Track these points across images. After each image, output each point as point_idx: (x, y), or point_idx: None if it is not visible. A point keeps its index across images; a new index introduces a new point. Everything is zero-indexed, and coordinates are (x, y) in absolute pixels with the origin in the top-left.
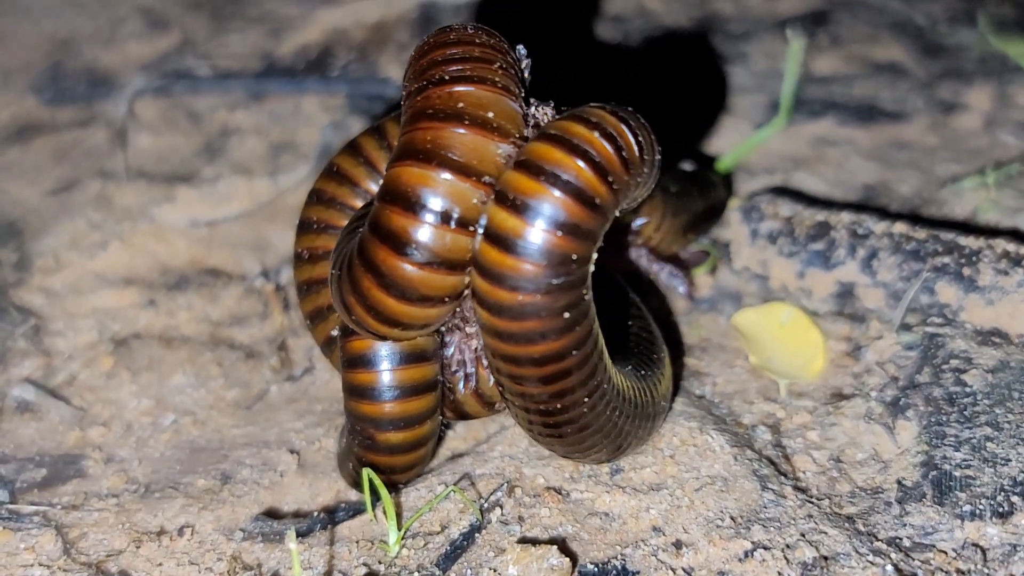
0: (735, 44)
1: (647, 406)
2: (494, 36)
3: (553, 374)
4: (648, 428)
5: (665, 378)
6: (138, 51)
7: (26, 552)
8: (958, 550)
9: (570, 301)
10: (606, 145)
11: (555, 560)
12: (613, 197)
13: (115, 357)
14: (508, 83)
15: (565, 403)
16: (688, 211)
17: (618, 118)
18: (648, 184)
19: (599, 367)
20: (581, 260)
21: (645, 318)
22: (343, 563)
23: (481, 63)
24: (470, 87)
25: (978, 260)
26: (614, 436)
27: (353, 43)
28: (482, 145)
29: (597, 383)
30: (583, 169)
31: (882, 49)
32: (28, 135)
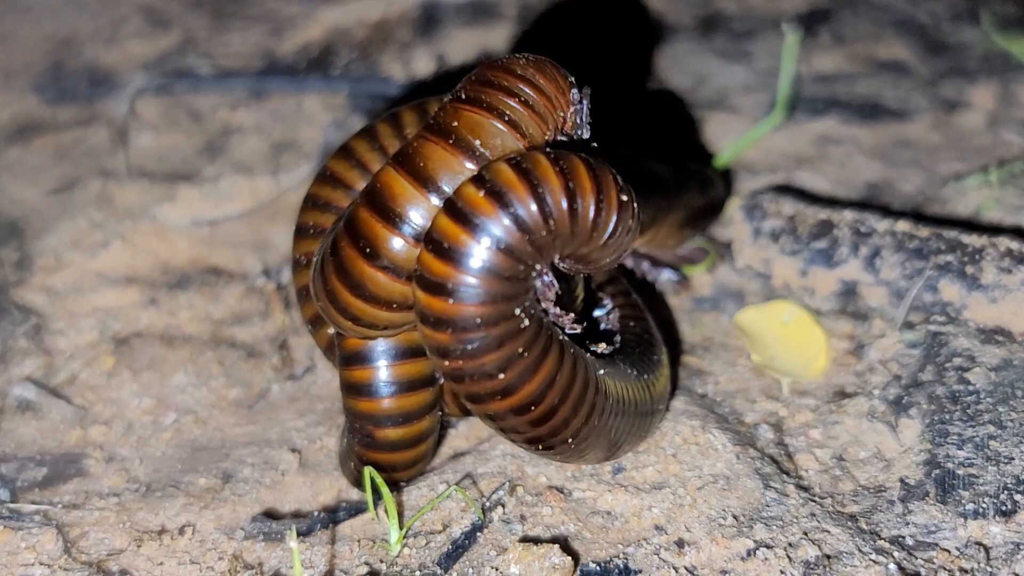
0: (738, 42)
1: (643, 405)
2: (544, 72)
3: (521, 407)
4: (646, 426)
5: (663, 377)
6: (139, 50)
7: (27, 551)
8: (961, 549)
9: (502, 349)
10: (529, 203)
11: (557, 559)
12: (534, 254)
13: (116, 356)
14: (522, 119)
15: (550, 430)
16: (685, 208)
17: (557, 168)
18: (610, 245)
19: (579, 388)
20: (501, 316)
21: (645, 318)
22: (344, 562)
23: (501, 93)
24: (471, 110)
25: (981, 258)
26: (607, 440)
27: (355, 42)
28: (455, 168)
29: (582, 405)
30: (506, 225)
31: (885, 47)
32: (29, 134)
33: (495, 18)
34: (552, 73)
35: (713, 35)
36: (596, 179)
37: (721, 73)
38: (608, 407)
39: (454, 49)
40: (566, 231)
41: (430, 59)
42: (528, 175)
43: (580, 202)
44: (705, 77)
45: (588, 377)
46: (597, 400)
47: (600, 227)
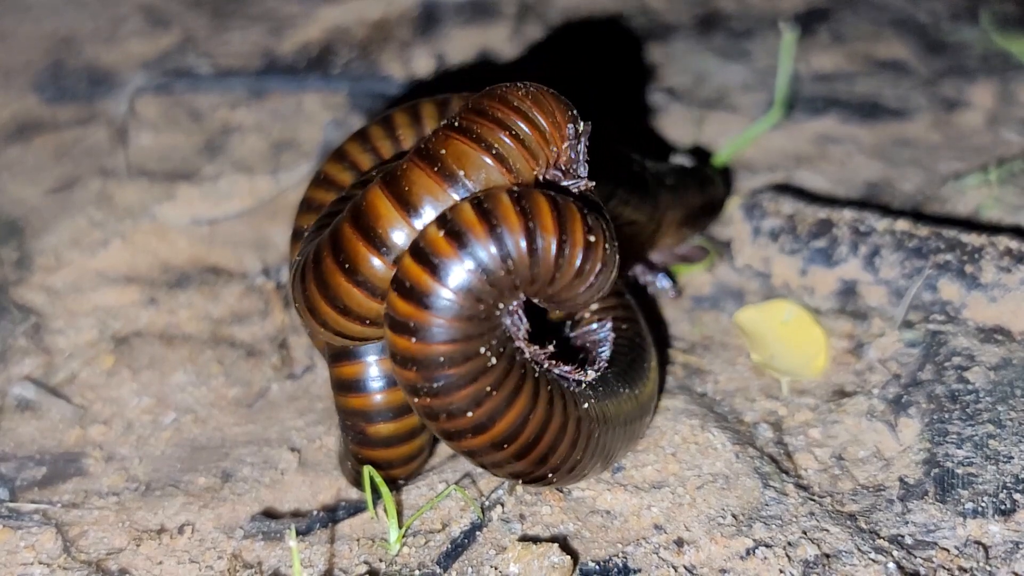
0: (737, 41)
1: (634, 414)
2: (541, 105)
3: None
4: (639, 430)
5: (651, 382)
6: (139, 49)
7: (26, 550)
8: (960, 548)
9: (470, 388)
10: (488, 244)
11: (556, 558)
12: (495, 293)
13: (116, 355)
14: (510, 154)
15: (529, 466)
16: (684, 205)
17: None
18: (578, 285)
19: (557, 423)
20: (466, 355)
21: (637, 319)
22: (344, 561)
23: (493, 124)
24: (461, 140)
25: (980, 257)
26: (600, 460)
27: (355, 41)
28: (439, 196)
29: (562, 441)
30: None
31: (884, 46)
32: (29, 133)
33: (495, 17)
34: (550, 106)
35: (712, 34)
36: (559, 219)
37: (720, 72)
38: (595, 436)
39: (454, 48)
40: (526, 272)
41: (430, 58)
42: (488, 215)
43: (540, 242)
44: (704, 76)
45: (569, 411)
46: (581, 431)
47: (564, 268)
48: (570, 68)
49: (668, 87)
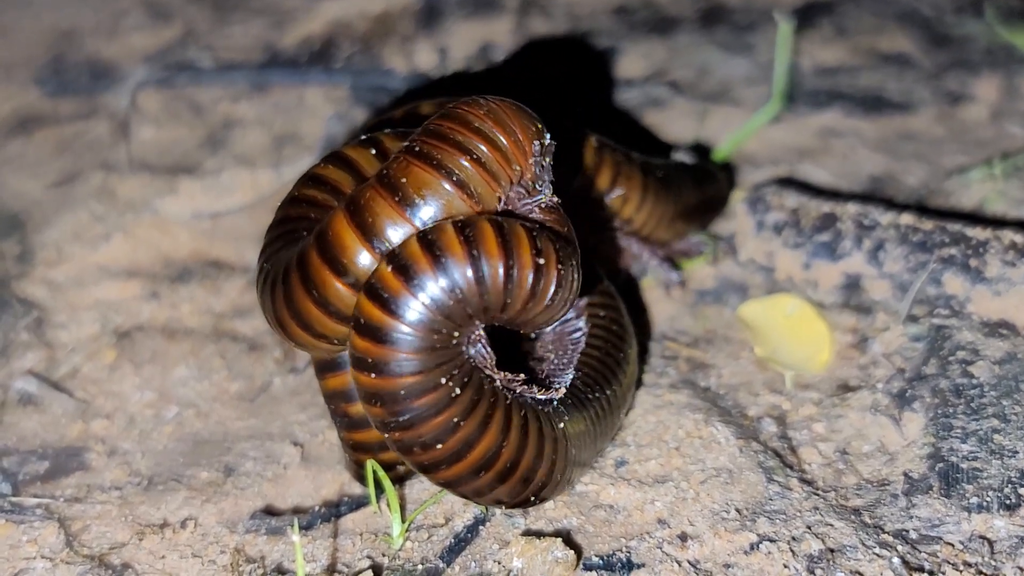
0: (740, 35)
1: (614, 413)
2: (503, 123)
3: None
4: (618, 423)
5: (630, 373)
6: (140, 43)
7: (29, 545)
8: (965, 542)
9: (436, 419)
10: (436, 278)
11: (560, 552)
12: (449, 323)
13: (118, 349)
14: (471, 180)
15: (509, 493)
16: (680, 200)
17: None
18: (534, 308)
19: (533, 449)
20: (425, 387)
21: (616, 305)
22: (347, 556)
23: (452, 148)
24: (421, 167)
25: (985, 251)
26: (581, 468)
27: (356, 34)
28: (401, 225)
29: (540, 464)
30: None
31: (888, 40)
32: (30, 127)
33: (497, 10)
34: (512, 124)
35: (715, 27)
36: (504, 244)
37: (723, 66)
38: (571, 453)
39: (456, 42)
40: (476, 300)
41: (432, 52)
42: (432, 247)
43: (487, 270)
44: (707, 69)
45: (545, 433)
46: (559, 451)
47: (515, 292)
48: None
49: (671, 80)
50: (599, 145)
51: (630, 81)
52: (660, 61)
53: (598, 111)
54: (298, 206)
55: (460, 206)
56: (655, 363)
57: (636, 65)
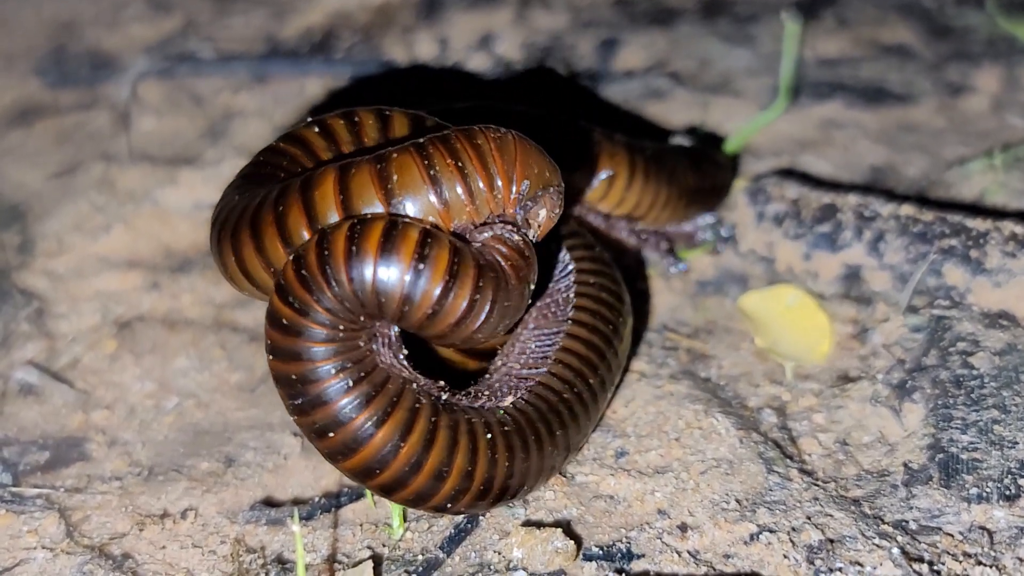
0: (742, 26)
1: (600, 394)
2: (508, 153)
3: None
4: (605, 401)
5: (624, 343)
6: (141, 33)
7: (29, 535)
8: (965, 533)
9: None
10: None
11: (560, 543)
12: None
13: (118, 340)
14: (455, 203)
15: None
16: (676, 181)
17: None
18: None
19: (485, 456)
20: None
21: (608, 272)
22: (347, 546)
23: (453, 167)
24: (417, 167)
25: (985, 242)
26: (563, 455)
27: (357, 25)
28: (371, 204)
29: (495, 468)
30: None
31: (889, 31)
32: (31, 118)
33: (497, 1)
34: (508, 149)
35: (716, 18)
36: (387, 252)
37: (725, 57)
38: (518, 462)
39: (456, 33)
40: (352, 300)
41: (432, 43)
42: (322, 243)
43: (363, 273)
44: (709, 61)
45: (478, 437)
46: (480, 463)
47: (410, 304)
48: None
49: (673, 72)
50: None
51: (631, 72)
52: (661, 52)
53: (597, 102)
54: (274, 156)
55: (432, 218)
56: (656, 354)
57: (637, 56)
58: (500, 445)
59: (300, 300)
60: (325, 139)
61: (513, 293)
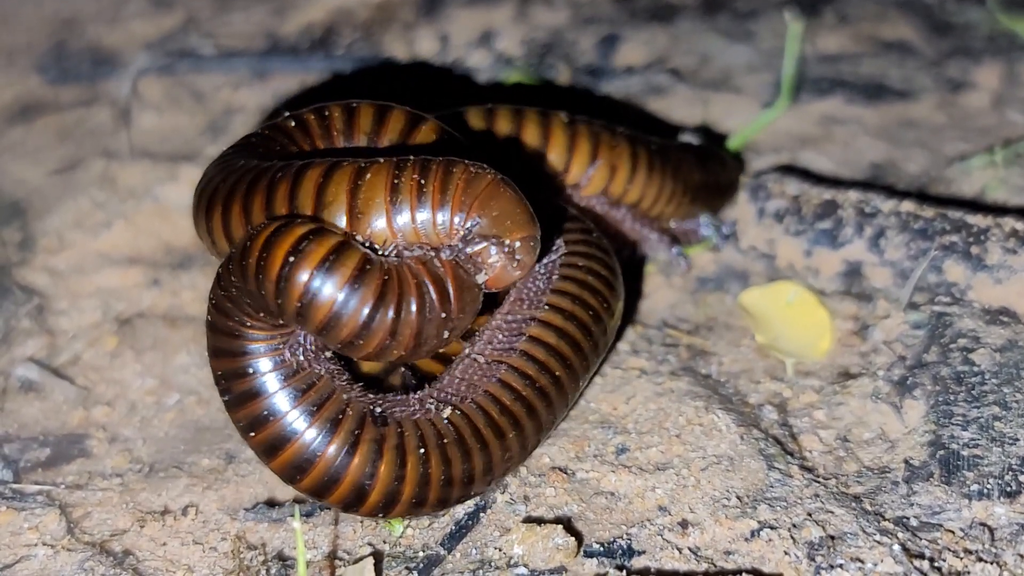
0: (742, 22)
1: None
2: (474, 188)
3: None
4: (586, 378)
5: (608, 330)
6: (142, 30)
7: (30, 531)
8: (966, 529)
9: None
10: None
11: (561, 539)
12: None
13: (119, 336)
14: (406, 231)
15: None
16: (681, 177)
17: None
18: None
19: (436, 456)
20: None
21: (600, 254)
22: (347, 543)
23: (414, 190)
24: (383, 184)
25: (986, 239)
26: (525, 445)
27: (358, 22)
28: (337, 201)
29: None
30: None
31: (890, 27)
32: (32, 114)
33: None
34: (477, 209)
35: (716, 14)
36: (263, 258)
37: (725, 53)
38: (493, 450)
39: (457, 29)
40: (246, 298)
41: (433, 39)
42: (247, 236)
43: (247, 273)
44: (709, 57)
45: (430, 454)
46: (409, 469)
47: (297, 310)
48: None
49: (673, 68)
50: (569, 120)
51: (631, 68)
52: (661, 48)
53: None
54: (275, 131)
55: (380, 232)
56: (656, 350)
57: (637, 52)
58: (434, 459)
59: (213, 293)
60: (320, 128)
61: (428, 319)
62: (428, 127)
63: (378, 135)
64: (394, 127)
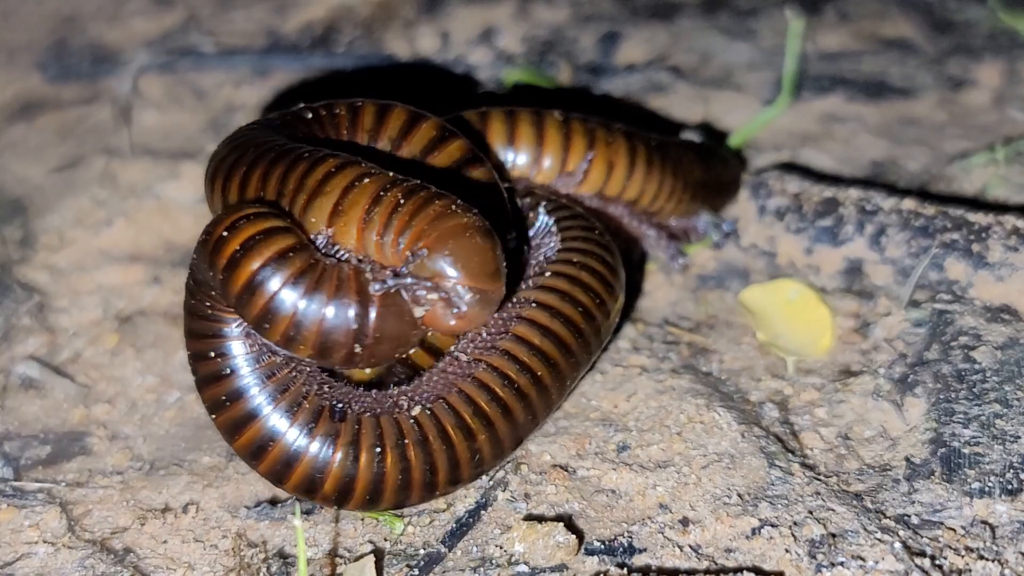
0: (742, 20)
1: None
2: (439, 225)
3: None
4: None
5: (603, 328)
6: (143, 27)
7: (31, 529)
8: (967, 527)
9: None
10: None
11: (561, 537)
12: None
13: (120, 334)
14: (368, 242)
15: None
16: (682, 173)
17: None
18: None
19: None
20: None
21: (597, 240)
22: (348, 540)
23: (389, 216)
24: (372, 195)
25: (987, 236)
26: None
27: (359, 19)
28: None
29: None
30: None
31: (891, 25)
32: (33, 112)
33: None
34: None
35: (717, 12)
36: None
37: (726, 51)
38: (459, 453)
39: (458, 27)
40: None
41: (434, 36)
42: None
43: (204, 264)
44: (710, 55)
45: (386, 453)
46: (369, 468)
47: (238, 303)
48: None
49: (673, 65)
50: (564, 118)
51: (632, 66)
52: (662, 46)
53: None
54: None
55: (346, 234)
56: (657, 348)
57: (638, 50)
58: (390, 458)
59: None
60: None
61: (334, 324)
62: (456, 145)
63: (402, 142)
64: (421, 138)
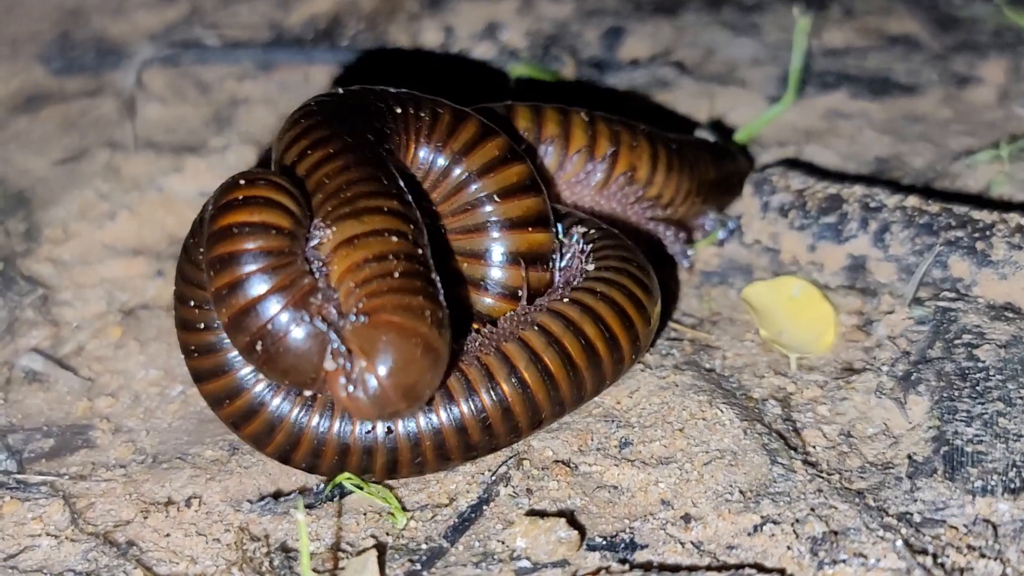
0: (747, 16)
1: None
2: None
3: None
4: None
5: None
6: (147, 21)
7: (34, 522)
8: (969, 526)
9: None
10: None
11: (563, 533)
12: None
13: (123, 327)
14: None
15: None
16: (697, 174)
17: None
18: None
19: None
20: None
21: (627, 255)
22: (351, 534)
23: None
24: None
25: (991, 234)
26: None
27: (363, 13)
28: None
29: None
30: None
31: (896, 21)
32: (36, 105)
33: None
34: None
35: (722, 8)
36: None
37: (730, 46)
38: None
39: (462, 21)
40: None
41: (438, 30)
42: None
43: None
44: (714, 50)
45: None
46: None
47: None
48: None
49: (677, 61)
50: (590, 119)
51: (636, 61)
52: (666, 41)
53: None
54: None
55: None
56: (660, 344)
57: (642, 45)
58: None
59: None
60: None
61: (248, 321)
62: (514, 171)
63: (463, 157)
64: (482, 156)
